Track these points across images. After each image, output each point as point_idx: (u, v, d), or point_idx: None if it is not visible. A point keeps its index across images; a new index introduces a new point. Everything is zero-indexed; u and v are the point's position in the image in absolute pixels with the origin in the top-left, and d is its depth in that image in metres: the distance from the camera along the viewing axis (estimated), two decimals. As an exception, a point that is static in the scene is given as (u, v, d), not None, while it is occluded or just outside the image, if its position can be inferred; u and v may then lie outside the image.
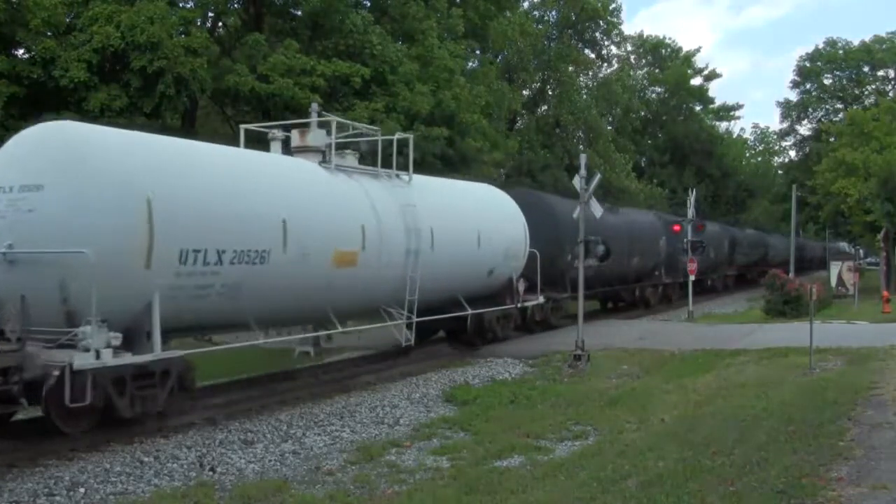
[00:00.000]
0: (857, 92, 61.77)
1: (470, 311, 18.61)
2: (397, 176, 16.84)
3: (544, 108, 49.47)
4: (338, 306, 14.44)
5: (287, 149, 15.49)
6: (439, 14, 32.46)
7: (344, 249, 14.15)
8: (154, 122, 22.44)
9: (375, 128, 17.38)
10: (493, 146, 34.47)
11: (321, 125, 15.59)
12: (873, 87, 61.76)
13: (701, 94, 73.73)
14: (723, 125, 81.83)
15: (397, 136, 17.12)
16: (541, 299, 21.84)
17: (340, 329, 14.54)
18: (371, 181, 15.92)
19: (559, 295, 24.21)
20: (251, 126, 16.59)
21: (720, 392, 13.85)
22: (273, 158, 14.72)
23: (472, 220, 18.76)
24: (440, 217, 17.18)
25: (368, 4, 31.26)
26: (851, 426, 10.41)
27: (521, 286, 20.62)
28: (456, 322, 18.94)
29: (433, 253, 16.54)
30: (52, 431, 11.09)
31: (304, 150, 15.11)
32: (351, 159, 15.85)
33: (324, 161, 15.16)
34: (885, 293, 30.73)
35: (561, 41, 49.69)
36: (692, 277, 29.94)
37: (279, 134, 15.27)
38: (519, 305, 20.71)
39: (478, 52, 40.18)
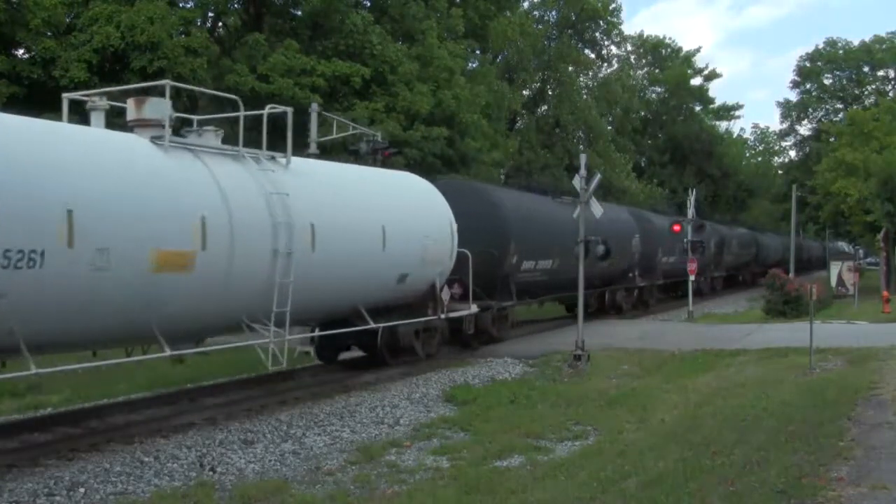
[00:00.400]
0: (857, 92, 61.86)
1: (372, 325, 15.23)
2: (272, 158, 13.50)
3: (544, 108, 49.51)
4: (169, 323, 11.19)
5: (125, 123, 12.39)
6: (439, 14, 32.49)
7: (170, 249, 10.91)
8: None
9: (234, 97, 14.27)
10: (492, 146, 34.49)
11: (163, 93, 12.29)
12: (873, 87, 61.86)
13: (701, 94, 73.90)
14: (723, 125, 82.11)
15: (268, 108, 13.93)
16: (473, 308, 18.61)
17: (169, 352, 11.25)
18: (227, 164, 12.52)
19: (503, 302, 20.85)
20: (75, 95, 13.51)
21: (720, 392, 13.86)
22: (58, 128, 11.17)
23: (375, 214, 15.22)
24: (327, 210, 13.84)
25: (368, 4, 31.28)
26: (851, 426, 10.42)
27: (447, 294, 17.58)
28: (367, 337, 15.93)
29: (315, 254, 13.27)
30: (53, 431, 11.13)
31: (141, 125, 11.98)
32: (211, 137, 12.80)
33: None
34: (885, 293, 30.76)
35: (561, 41, 49.73)
36: (692, 277, 29.96)
37: (101, 103, 12.29)
38: (443, 316, 17.51)
39: (478, 52, 40.21)
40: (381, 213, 15.43)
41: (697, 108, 73.54)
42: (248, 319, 12.46)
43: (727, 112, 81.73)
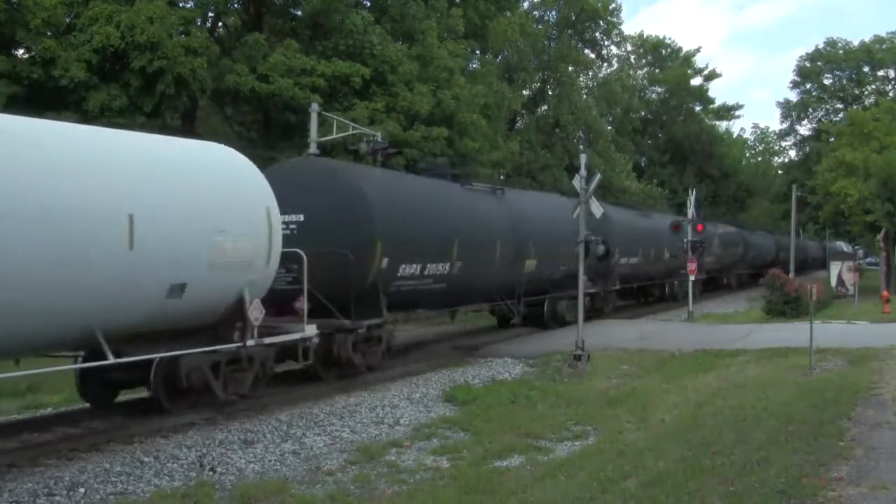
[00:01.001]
0: (857, 92, 61.96)
1: (111, 360, 10.52)
2: None
3: (544, 108, 49.51)
4: None
5: None
6: (439, 14, 32.49)
7: None
8: (154, 121, 22.46)
9: None
10: (491, 147, 34.50)
11: None
12: (873, 87, 61.95)
13: (701, 94, 73.98)
14: (723, 125, 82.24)
15: None
16: (308, 330, 13.99)
17: None
18: None
19: (367, 321, 15.97)
20: None
21: (720, 392, 13.86)
22: None
23: (114, 196, 10.32)
24: (12, 188, 9.21)
25: (368, 4, 31.28)
26: (851, 426, 10.42)
27: (257, 311, 12.60)
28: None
29: None
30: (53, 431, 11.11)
31: None
32: None
33: None
34: (885, 293, 30.77)
35: (561, 41, 49.74)
36: (692, 278, 29.96)
37: None
38: (251, 343, 12.57)
39: (478, 52, 40.22)
40: (128, 196, 10.51)
41: (697, 109, 73.65)
42: None
43: (727, 112, 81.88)
